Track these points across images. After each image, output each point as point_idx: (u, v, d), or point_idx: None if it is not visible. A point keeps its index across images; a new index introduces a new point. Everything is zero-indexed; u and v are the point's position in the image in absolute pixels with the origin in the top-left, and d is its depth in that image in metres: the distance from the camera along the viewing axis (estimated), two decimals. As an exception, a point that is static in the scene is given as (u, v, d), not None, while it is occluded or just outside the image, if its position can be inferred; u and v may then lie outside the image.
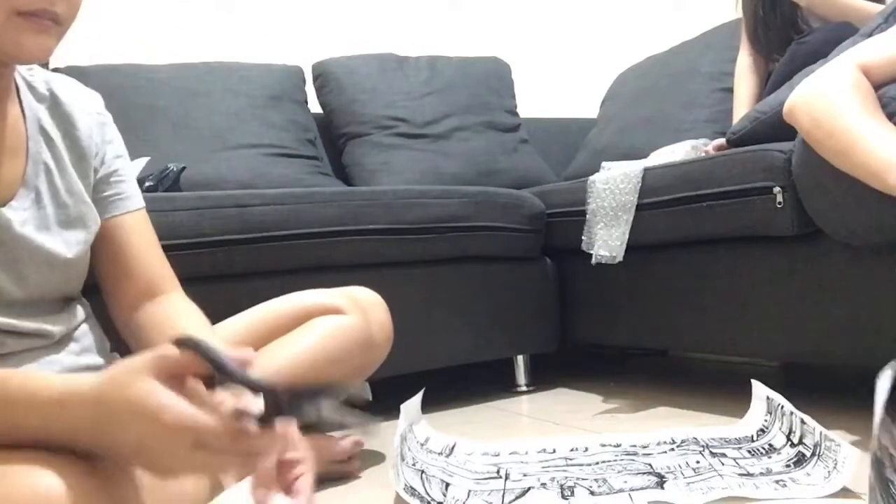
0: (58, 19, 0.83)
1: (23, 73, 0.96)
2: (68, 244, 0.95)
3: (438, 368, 1.74)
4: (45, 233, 0.92)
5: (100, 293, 1.05)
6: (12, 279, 0.89)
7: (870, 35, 1.24)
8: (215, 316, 1.14)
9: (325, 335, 1.15)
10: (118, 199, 1.04)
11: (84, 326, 1.00)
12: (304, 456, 0.83)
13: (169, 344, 0.67)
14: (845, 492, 0.94)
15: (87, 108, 1.02)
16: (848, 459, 0.95)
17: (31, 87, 0.97)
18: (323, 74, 2.33)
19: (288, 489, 0.81)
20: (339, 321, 1.17)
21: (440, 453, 1.23)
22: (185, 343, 0.65)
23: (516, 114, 2.50)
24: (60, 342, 0.94)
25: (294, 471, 0.82)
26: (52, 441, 0.64)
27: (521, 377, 1.94)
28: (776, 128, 1.31)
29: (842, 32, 1.52)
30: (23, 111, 0.94)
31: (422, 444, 1.22)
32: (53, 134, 0.96)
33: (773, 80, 1.72)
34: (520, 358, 1.94)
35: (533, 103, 2.69)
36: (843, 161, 1.05)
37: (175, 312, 1.00)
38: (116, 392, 0.63)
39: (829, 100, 1.06)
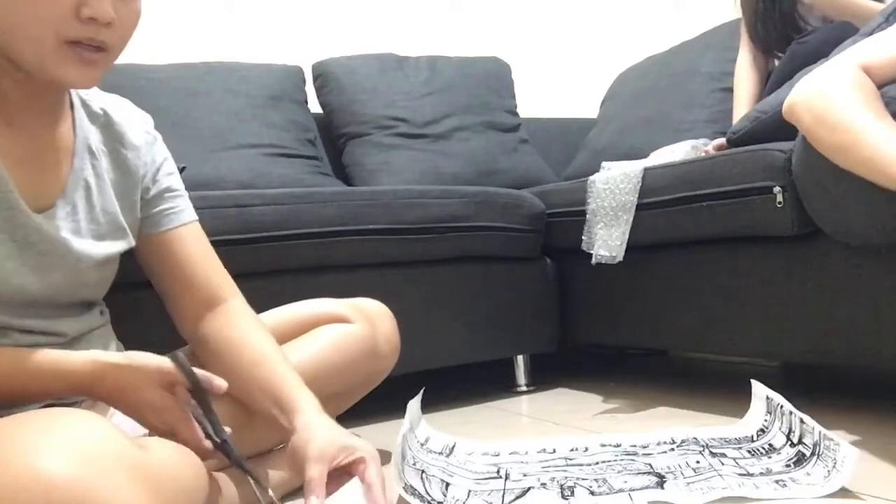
0: (105, 47, 0.86)
1: (80, 92, 1.00)
2: (96, 249, 0.98)
3: (438, 368, 1.74)
4: (76, 238, 0.95)
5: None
6: (38, 280, 0.91)
7: (870, 34, 1.23)
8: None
9: (330, 343, 1.15)
10: (172, 213, 1.08)
11: (97, 332, 1.02)
12: (361, 455, 0.90)
13: (168, 359, 0.86)
14: (844, 492, 0.94)
15: (138, 128, 1.06)
16: (847, 459, 0.95)
17: (85, 105, 1.01)
18: (323, 74, 2.33)
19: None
20: (345, 329, 1.18)
21: (440, 453, 1.23)
22: (176, 359, 0.86)
23: (516, 114, 2.50)
24: (69, 343, 0.95)
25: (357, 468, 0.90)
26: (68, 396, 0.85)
27: (521, 377, 1.94)
28: (776, 127, 1.31)
29: (842, 32, 1.52)
30: (74, 128, 0.97)
31: (422, 444, 1.22)
32: (100, 154, 1.00)
33: (773, 79, 1.72)
34: (520, 358, 1.94)
35: (533, 103, 2.69)
36: (846, 157, 1.04)
37: (241, 334, 1.05)
38: (136, 388, 0.86)
39: (830, 97, 1.05)
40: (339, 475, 0.89)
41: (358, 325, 1.19)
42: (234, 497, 0.97)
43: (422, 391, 1.30)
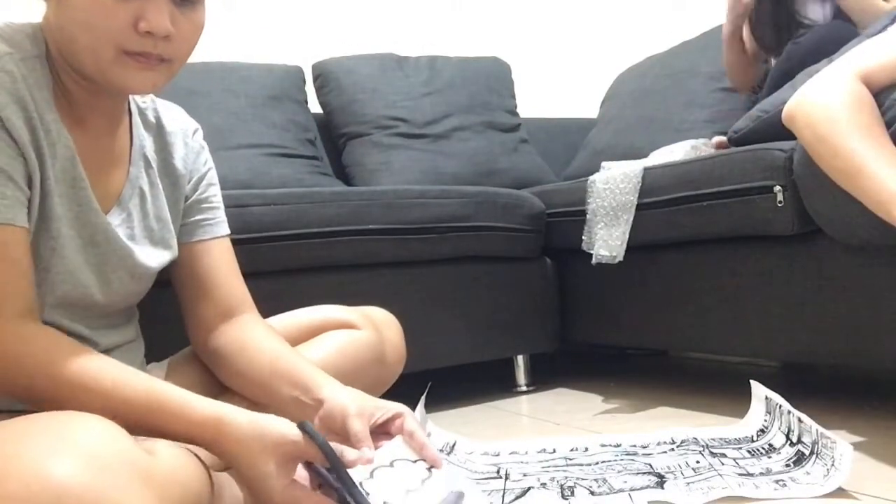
0: (164, 59, 0.87)
1: (137, 100, 1.02)
2: (151, 258, 1.00)
3: (438, 368, 1.74)
4: (132, 243, 0.97)
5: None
6: (98, 281, 0.93)
7: (874, 35, 1.23)
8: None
9: (337, 348, 1.15)
10: (207, 224, 1.09)
11: (127, 346, 1.02)
12: (398, 411, 0.91)
13: (294, 426, 0.79)
14: (844, 492, 0.94)
15: (187, 137, 1.08)
16: (844, 456, 0.95)
17: (141, 113, 1.03)
18: (323, 74, 2.33)
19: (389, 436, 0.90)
20: (353, 335, 1.17)
21: (440, 450, 1.23)
22: (305, 429, 0.78)
23: (516, 114, 2.50)
24: (104, 352, 0.95)
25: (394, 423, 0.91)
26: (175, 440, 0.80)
27: (521, 377, 1.94)
28: (778, 127, 1.30)
29: (837, 30, 1.52)
30: (131, 135, 0.99)
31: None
32: (154, 161, 1.02)
33: (772, 77, 1.72)
34: (520, 358, 1.94)
35: (533, 103, 2.69)
36: (846, 183, 1.05)
37: (256, 337, 1.05)
38: (252, 454, 0.78)
39: (831, 116, 1.05)
40: (378, 436, 0.90)
41: (365, 332, 1.18)
42: (237, 497, 0.96)
43: (428, 387, 1.28)
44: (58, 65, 0.89)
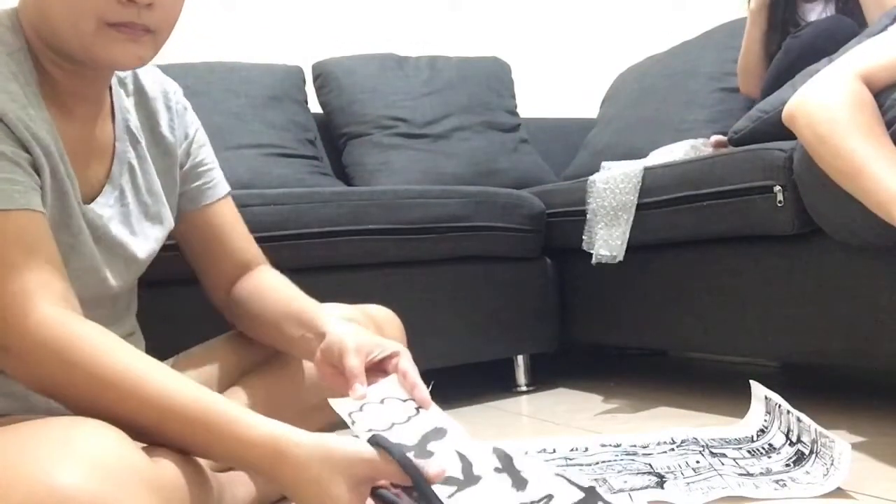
0: (149, 29, 0.84)
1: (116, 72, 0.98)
2: (147, 240, 0.99)
3: (438, 368, 1.74)
4: (127, 231, 0.96)
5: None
6: (101, 277, 0.92)
7: (875, 35, 1.23)
8: (217, 317, 1.14)
9: None
10: (207, 188, 1.09)
11: (130, 339, 1.01)
12: (395, 350, 0.92)
13: (365, 444, 0.73)
14: (844, 492, 0.94)
15: (168, 100, 1.05)
16: (843, 456, 0.95)
17: (122, 84, 0.99)
18: (323, 74, 2.33)
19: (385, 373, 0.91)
20: None
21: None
22: (379, 443, 0.71)
23: (516, 114, 2.50)
24: None
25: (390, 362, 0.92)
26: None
27: (521, 377, 1.94)
28: (778, 127, 1.30)
29: (836, 26, 1.52)
30: (113, 111, 0.97)
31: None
32: (140, 133, 1.00)
33: (770, 74, 1.72)
34: (520, 358, 1.94)
35: (533, 103, 2.69)
36: (847, 183, 1.05)
37: (271, 283, 1.08)
38: (316, 480, 0.71)
39: (832, 117, 1.05)
40: (374, 373, 0.91)
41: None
42: (237, 499, 0.96)
43: (430, 385, 1.27)
44: (40, 53, 0.86)
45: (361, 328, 0.97)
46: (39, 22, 0.84)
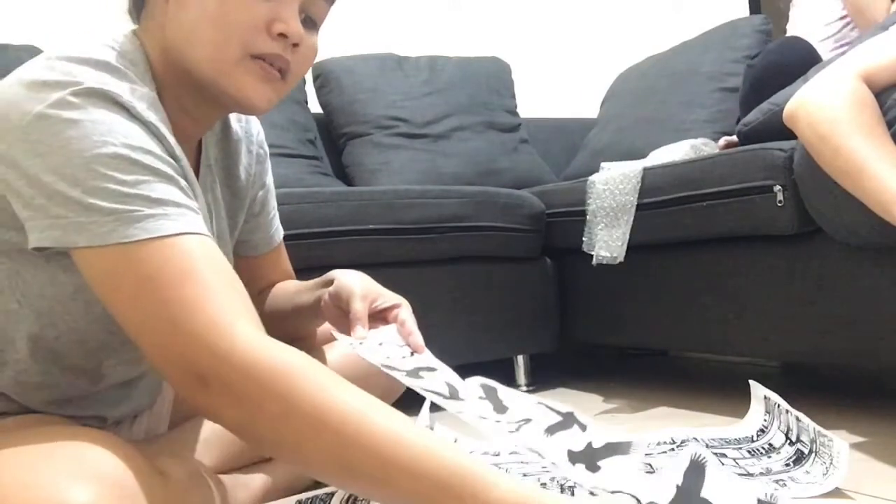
0: (285, 71, 0.81)
1: None
2: None
3: (438, 368, 1.74)
4: None
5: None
6: None
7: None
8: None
9: (342, 356, 1.10)
10: (270, 237, 1.09)
11: (149, 377, 0.94)
12: (397, 302, 0.97)
13: None
14: (840, 492, 0.94)
15: (251, 143, 1.00)
16: (841, 454, 0.95)
17: None
18: (323, 74, 2.33)
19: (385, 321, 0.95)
20: None
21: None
22: None
23: (516, 114, 2.50)
24: (120, 387, 0.88)
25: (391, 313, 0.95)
26: None
27: (521, 377, 1.94)
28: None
29: (790, 51, 1.52)
30: (199, 146, 0.91)
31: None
32: (217, 174, 0.94)
33: (739, 101, 1.70)
34: (520, 358, 1.94)
35: (533, 103, 2.69)
36: (847, 182, 1.05)
37: (280, 285, 1.10)
38: None
39: (833, 116, 1.06)
40: (376, 320, 0.94)
41: None
42: (238, 500, 0.96)
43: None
44: (166, 91, 0.80)
45: (368, 277, 1.00)
46: (173, 42, 0.79)
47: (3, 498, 0.58)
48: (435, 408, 1.17)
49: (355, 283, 0.96)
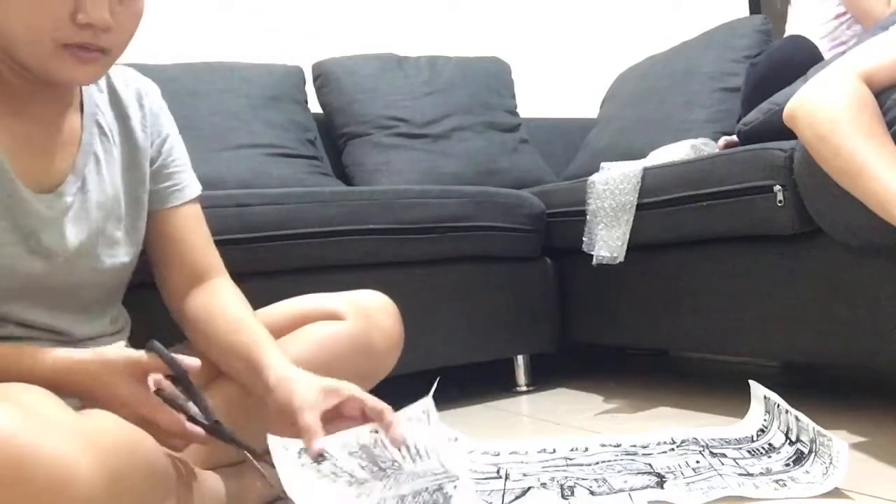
0: (105, 48, 0.86)
1: None
2: (99, 238, 0.99)
3: (438, 368, 1.74)
4: (78, 224, 0.95)
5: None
6: (44, 266, 0.92)
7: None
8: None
9: (316, 341, 1.10)
10: (175, 189, 1.08)
11: (107, 339, 1.01)
12: (350, 394, 0.92)
13: (145, 351, 0.85)
14: (840, 492, 0.94)
15: (141, 99, 1.06)
16: (841, 454, 0.95)
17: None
18: (323, 74, 2.33)
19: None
20: (331, 329, 1.12)
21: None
22: (153, 348, 0.85)
23: (516, 114, 2.50)
24: (73, 345, 0.95)
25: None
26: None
27: (521, 377, 1.94)
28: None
29: (792, 50, 1.52)
30: (82, 104, 0.99)
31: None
32: (108, 128, 1.01)
33: (741, 101, 1.70)
34: (520, 358, 1.94)
35: (533, 103, 2.69)
36: (847, 183, 1.05)
37: (220, 303, 1.05)
38: (105, 384, 0.84)
39: (832, 116, 1.05)
40: (332, 419, 0.90)
41: (349, 322, 1.13)
42: (221, 494, 0.96)
43: (437, 381, 1.25)
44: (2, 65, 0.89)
45: (305, 372, 0.94)
46: (2, 36, 0.86)
47: None
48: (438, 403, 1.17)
49: (295, 396, 0.89)
